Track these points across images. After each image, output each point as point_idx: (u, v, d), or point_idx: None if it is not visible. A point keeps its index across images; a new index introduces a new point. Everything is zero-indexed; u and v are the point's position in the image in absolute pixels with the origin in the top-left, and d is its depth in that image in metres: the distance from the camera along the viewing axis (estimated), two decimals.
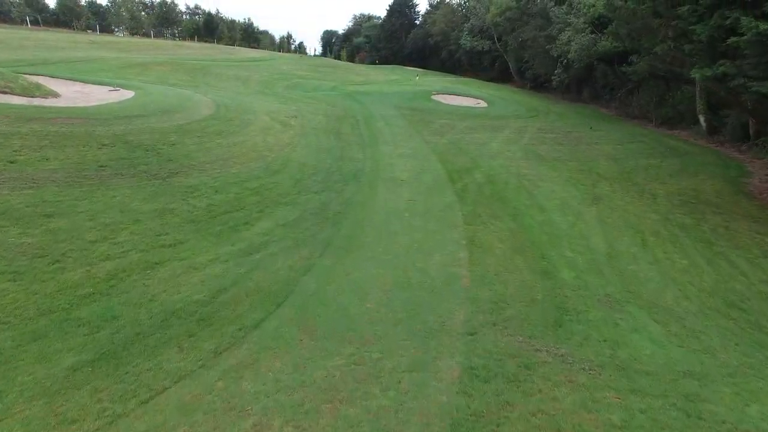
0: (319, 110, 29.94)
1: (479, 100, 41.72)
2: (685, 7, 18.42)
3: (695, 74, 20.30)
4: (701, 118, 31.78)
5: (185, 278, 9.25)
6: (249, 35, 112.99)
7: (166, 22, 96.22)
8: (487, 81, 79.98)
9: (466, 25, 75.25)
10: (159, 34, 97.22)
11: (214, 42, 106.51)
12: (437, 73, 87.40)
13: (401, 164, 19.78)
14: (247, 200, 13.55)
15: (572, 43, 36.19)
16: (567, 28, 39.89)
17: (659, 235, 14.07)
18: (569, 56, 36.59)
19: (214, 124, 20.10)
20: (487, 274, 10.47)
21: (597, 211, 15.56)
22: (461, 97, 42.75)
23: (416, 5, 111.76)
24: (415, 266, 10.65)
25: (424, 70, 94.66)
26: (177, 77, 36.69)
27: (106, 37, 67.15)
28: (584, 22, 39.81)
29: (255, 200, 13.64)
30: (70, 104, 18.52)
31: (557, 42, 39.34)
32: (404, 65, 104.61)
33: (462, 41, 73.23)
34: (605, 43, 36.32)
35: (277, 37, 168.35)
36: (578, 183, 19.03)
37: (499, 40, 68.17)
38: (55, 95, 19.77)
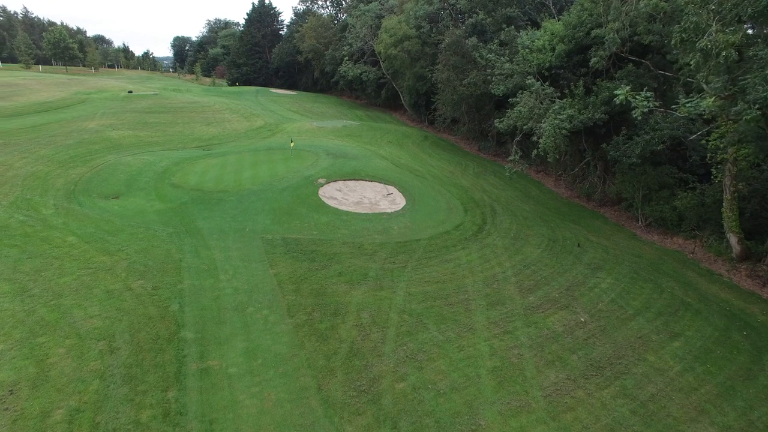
0: (101, 317, 13.75)
1: (390, 189, 28.04)
2: None
3: None
4: (732, 238, 21.39)
5: None
6: (63, 50, 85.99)
7: None
8: (372, 109, 66.99)
9: (345, 47, 60.94)
10: None
11: None
12: (309, 96, 71.93)
13: None
14: None
15: (544, 124, 23.72)
16: (510, 81, 27.71)
17: None
18: (541, 144, 24.13)
19: None
20: None
21: None
22: (362, 182, 28.70)
23: (280, 13, 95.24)
24: None
25: (295, 92, 78.88)
26: None
27: None
28: (528, 72, 27.96)
29: None
30: None
31: (509, 113, 26.80)
32: (271, 86, 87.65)
33: (343, 69, 58.82)
34: (570, 111, 24.58)
35: (116, 44, 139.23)
36: None
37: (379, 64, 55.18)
38: None
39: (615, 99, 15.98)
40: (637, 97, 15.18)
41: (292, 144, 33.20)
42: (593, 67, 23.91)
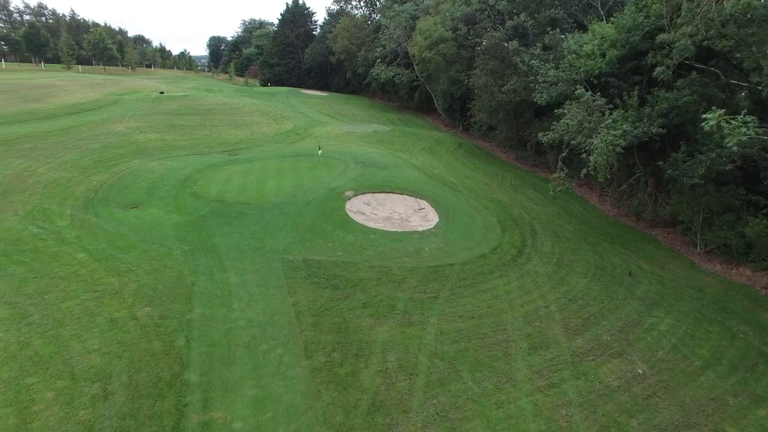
0: (100, 352, 12.59)
1: (422, 203, 26.24)
2: None
3: None
4: None
5: None
6: (102, 51, 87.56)
7: None
8: (405, 112, 65.17)
9: (378, 48, 59.37)
10: None
11: (41, 63, 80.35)
12: (341, 98, 70.56)
13: None
14: None
15: (596, 140, 21.41)
16: (554, 89, 25.50)
17: None
18: (591, 162, 21.82)
19: None
20: None
21: None
22: (393, 195, 26.97)
23: (313, 13, 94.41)
24: None
25: (327, 93, 77.84)
26: None
27: None
28: (574, 80, 25.67)
29: None
30: None
31: (555, 126, 24.53)
32: (303, 86, 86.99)
33: (375, 71, 57.25)
34: (625, 126, 22.18)
35: (154, 44, 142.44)
36: None
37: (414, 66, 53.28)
38: None
39: (703, 125, 13.58)
40: (733, 122, 12.76)
41: (320, 151, 31.77)
42: (656, 77, 21.41)
